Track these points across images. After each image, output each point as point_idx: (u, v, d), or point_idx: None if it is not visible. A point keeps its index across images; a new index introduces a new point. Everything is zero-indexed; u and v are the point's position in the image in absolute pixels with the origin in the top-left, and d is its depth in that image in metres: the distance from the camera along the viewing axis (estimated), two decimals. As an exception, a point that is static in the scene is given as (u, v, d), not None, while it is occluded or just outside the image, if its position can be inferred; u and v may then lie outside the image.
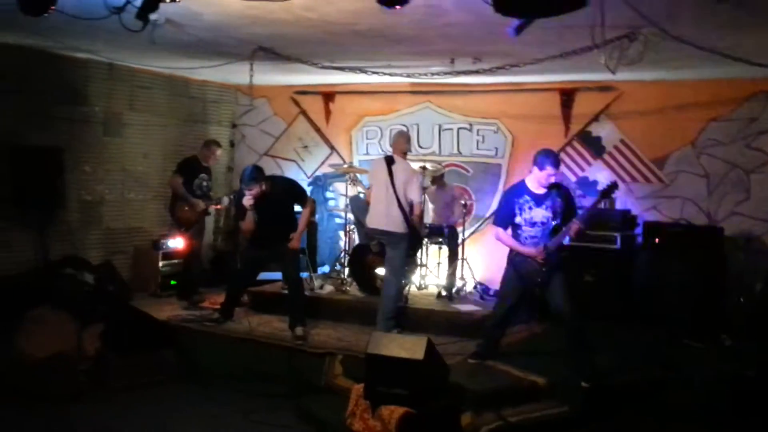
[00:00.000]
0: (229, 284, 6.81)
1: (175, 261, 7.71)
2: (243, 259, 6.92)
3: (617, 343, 5.93)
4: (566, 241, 5.25)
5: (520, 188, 5.23)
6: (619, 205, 7.26)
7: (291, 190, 6.40)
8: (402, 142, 6.40)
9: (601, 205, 5.39)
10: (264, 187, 6.07)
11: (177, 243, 7.58)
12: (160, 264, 7.69)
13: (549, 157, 5.04)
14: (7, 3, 3.96)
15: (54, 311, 5.87)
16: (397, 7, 3.34)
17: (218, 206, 7.65)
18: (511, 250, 5.26)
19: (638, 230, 7.11)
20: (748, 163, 6.95)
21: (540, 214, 5.11)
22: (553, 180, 5.08)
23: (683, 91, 7.18)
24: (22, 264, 6.71)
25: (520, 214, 5.13)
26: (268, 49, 6.01)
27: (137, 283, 7.70)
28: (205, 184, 7.38)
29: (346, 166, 7.94)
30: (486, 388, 4.87)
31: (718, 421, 4.79)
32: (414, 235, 6.29)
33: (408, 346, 4.50)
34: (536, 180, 5.10)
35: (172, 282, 7.71)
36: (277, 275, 6.84)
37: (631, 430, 4.88)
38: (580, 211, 5.17)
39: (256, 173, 6.08)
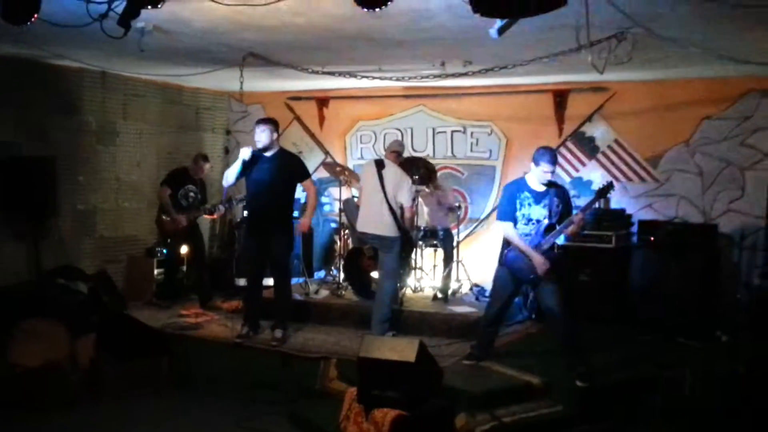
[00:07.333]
0: (244, 295, 6.61)
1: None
2: (244, 259, 6.75)
3: (612, 342, 5.95)
4: (561, 240, 5.25)
5: (520, 183, 5.23)
6: (613, 204, 7.24)
7: (297, 163, 6.17)
8: (395, 147, 6.58)
9: (596, 205, 5.40)
10: (274, 138, 5.99)
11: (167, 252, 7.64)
12: (155, 272, 7.67)
13: (546, 154, 5.03)
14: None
15: (46, 321, 5.85)
16: (377, 9, 3.29)
17: (213, 215, 7.62)
18: (503, 249, 5.25)
19: (633, 229, 7.10)
20: (743, 160, 6.94)
21: (537, 211, 5.10)
22: (549, 177, 5.08)
23: (676, 90, 7.18)
24: (15, 275, 6.65)
25: (519, 209, 5.13)
26: (259, 55, 6.01)
27: (132, 292, 7.67)
28: (192, 194, 7.40)
29: (339, 169, 7.93)
30: (480, 389, 4.85)
31: (709, 420, 4.78)
32: (406, 238, 6.29)
33: (399, 349, 4.48)
34: (534, 176, 5.11)
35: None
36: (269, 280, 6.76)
37: (625, 430, 4.86)
38: (575, 211, 5.16)
39: (272, 120, 6.11)
